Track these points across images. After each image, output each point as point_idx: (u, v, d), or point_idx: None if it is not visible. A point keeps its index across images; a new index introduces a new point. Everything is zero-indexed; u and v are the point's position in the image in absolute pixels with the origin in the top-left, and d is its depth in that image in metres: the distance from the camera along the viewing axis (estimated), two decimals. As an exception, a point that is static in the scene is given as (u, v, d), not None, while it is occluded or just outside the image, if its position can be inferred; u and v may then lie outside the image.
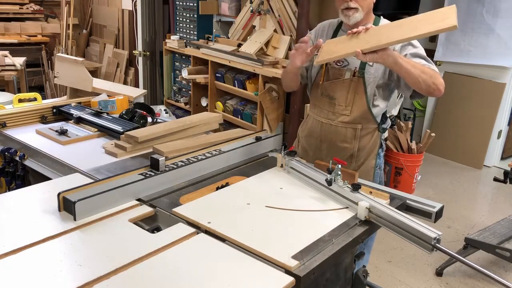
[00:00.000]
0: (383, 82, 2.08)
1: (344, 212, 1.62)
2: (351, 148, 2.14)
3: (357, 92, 2.07)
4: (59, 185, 1.68)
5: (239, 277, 1.24)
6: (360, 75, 2.05)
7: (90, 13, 7.08)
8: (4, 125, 2.35)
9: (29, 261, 1.27)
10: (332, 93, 2.12)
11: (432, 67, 1.94)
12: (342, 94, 2.10)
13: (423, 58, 1.97)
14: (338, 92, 2.11)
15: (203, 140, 2.22)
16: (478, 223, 3.81)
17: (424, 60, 1.96)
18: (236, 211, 1.59)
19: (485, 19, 4.79)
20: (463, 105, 5.04)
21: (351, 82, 2.07)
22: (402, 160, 4.21)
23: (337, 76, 2.11)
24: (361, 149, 2.15)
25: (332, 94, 2.12)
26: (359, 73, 2.05)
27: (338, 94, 2.11)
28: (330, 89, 2.13)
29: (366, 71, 2.04)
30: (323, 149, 2.19)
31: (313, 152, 2.24)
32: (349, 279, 1.73)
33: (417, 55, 1.97)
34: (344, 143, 2.14)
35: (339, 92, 2.10)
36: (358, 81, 2.06)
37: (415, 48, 1.99)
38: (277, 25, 3.98)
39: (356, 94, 2.07)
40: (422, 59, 1.96)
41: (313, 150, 2.24)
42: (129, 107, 2.64)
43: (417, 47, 2.00)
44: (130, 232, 1.45)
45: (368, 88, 2.06)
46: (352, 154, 2.14)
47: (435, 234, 1.41)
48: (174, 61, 5.17)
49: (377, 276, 3.02)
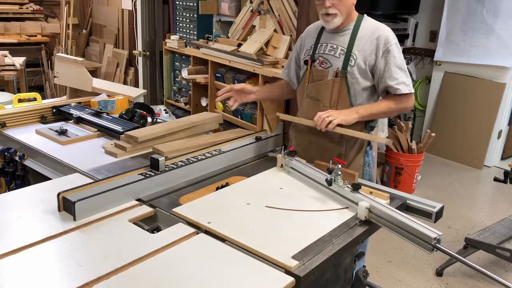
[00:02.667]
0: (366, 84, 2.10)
1: (344, 212, 1.62)
2: (339, 147, 2.15)
3: (341, 92, 2.09)
4: (59, 185, 1.68)
5: (239, 277, 1.24)
6: (343, 75, 2.07)
7: (90, 13, 7.08)
8: (4, 125, 2.35)
9: (29, 261, 1.27)
10: (317, 94, 2.15)
11: (403, 89, 2.03)
12: (326, 95, 2.12)
13: (401, 69, 2.04)
14: (322, 93, 2.13)
15: (203, 140, 2.22)
16: (478, 223, 3.81)
17: (400, 71, 2.03)
18: (236, 211, 1.59)
19: (485, 19, 4.79)
20: (463, 105, 5.04)
21: (334, 82, 2.09)
22: (402, 160, 4.21)
23: (320, 77, 2.13)
24: (348, 148, 2.16)
25: (317, 96, 2.15)
26: (341, 73, 2.07)
27: (322, 95, 2.13)
28: (315, 90, 2.15)
29: (348, 72, 2.06)
30: (312, 150, 2.20)
31: (303, 152, 2.24)
32: (349, 279, 1.73)
33: (396, 66, 2.04)
34: (331, 143, 2.15)
35: (323, 93, 2.13)
36: (340, 81, 2.08)
37: (395, 58, 2.04)
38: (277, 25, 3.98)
39: (340, 94, 2.09)
40: (400, 70, 2.04)
41: (303, 150, 2.24)
42: (129, 107, 2.64)
43: (396, 57, 2.05)
44: (130, 232, 1.45)
45: (351, 88, 2.08)
46: (340, 153, 2.16)
47: (435, 234, 1.41)
48: (174, 61, 5.16)
49: (377, 276, 3.02)
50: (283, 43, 3.93)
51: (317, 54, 2.15)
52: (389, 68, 2.03)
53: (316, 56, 2.15)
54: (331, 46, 2.11)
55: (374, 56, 2.05)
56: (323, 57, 2.13)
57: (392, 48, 2.04)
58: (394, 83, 2.02)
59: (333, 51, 2.10)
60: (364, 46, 2.05)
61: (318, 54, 2.15)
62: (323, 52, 2.13)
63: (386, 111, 2.08)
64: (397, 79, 2.02)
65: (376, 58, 2.04)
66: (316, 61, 2.15)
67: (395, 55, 2.04)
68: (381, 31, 2.06)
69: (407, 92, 2.04)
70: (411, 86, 2.06)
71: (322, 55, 2.13)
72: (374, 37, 2.04)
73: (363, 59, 2.05)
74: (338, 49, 2.09)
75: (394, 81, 2.02)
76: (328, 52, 2.12)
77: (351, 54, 2.06)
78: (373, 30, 2.06)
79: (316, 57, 2.15)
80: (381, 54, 2.04)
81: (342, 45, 2.09)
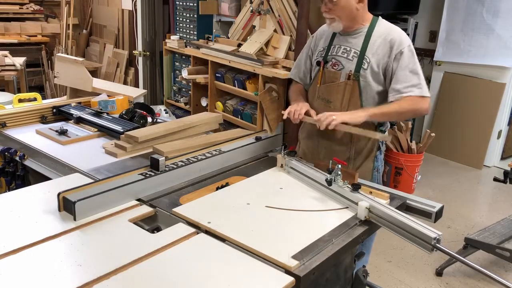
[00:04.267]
0: (379, 88, 2.09)
1: (344, 212, 1.62)
2: (348, 151, 2.15)
3: (352, 95, 2.08)
4: (59, 185, 1.68)
5: (239, 277, 1.24)
6: (355, 78, 2.06)
7: (90, 13, 7.08)
8: (4, 125, 2.35)
9: (29, 261, 1.27)
10: (328, 96, 2.14)
11: (414, 91, 1.99)
12: (337, 97, 2.11)
13: (413, 72, 2.01)
14: (333, 95, 2.12)
15: (203, 140, 2.22)
16: (478, 223, 3.81)
17: (412, 74, 2.00)
18: (236, 211, 1.59)
19: (485, 19, 4.79)
20: (463, 105, 5.04)
21: (346, 85, 2.08)
22: (402, 160, 4.21)
23: (332, 79, 2.13)
24: (358, 152, 2.15)
25: (328, 97, 2.14)
26: (354, 76, 2.06)
27: (333, 97, 2.12)
28: (326, 92, 2.14)
29: (361, 74, 2.05)
30: (321, 152, 2.20)
31: (311, 154, 2.25)
32: (349, 279, 1.73)
33: (407, 69, 2.01)
34: (341, 146, 2.15)
35: (334, 95, 2.12)
36: (353, 84, 2.07)
37: (407, 61, 2.01)
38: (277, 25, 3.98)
39: (352, 97, 2.08)
40: (411, 73, 2.00)
41: (311, 153, 2.24)
42: (129, 107, 2.64)
43: (409, 60, 2.01)
44: (130, 232, 1.45)
45: (364, 91, 2.07)
46: (349, 157, 2.15)
47: (435, 234, 1.41)
48: (174, 61, 5.16)
49: (377, 276, 3.02)
50: (283, 43, 3.93)
51: (330, 56, 2.14)
52: (401, 72, 2.00)
53: (329, 57, 2.14)
54: (344, 48, 2.11)
55: (387, 58, 2.03)
56: (336, 59, 2.12)
57: (405, 51, 2.01)
58: (402, 86, 2.00)
59: (346, 54, 2.09)
60: (377, 50, 2.04)
61: (331, 56, 2.14)
62: (336, 54, 2.12)
63: (398, 110, 2.01)
64: (406, 82, 2.00)
65: (389, 61, 2.03)
66: (328, 62, 2.14)
67: (408, 58, 2.01)
68: (394, 34, 2.04)
69: (418, 95, 2.00)
70: (424, 89, 2.02)
71: (335, 57, 2.13)
72: (388, 40, 2.03)
73: (377, 62, 2.04)
74: (352, 52, 2.08)
75: (402, 84, 2.00)
76: (341, 54, 2.11)
77: (364, 57, 2.05)
78: (387, 33, 2.05)
79: (329, 58, 2.14)
80: (393, 57, 2.02)
81: (356, 48, 2.08)
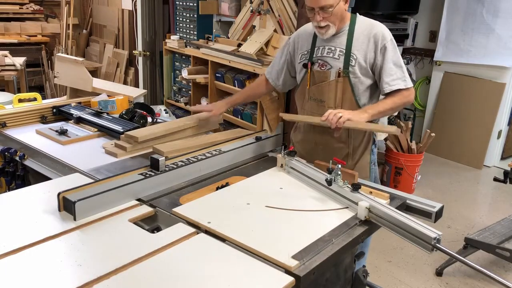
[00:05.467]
0: (368, 82, 2.11)
1: (344, 212, 1.62)
2: (346, 147, 2.16)
3: (345, 92, 2.09)
4: (59, 185, 1.68)
5: (239, 277, 1.24)
6: (345, 74, 2.07)
7: (90, 13, 7.08)
8: (4, 125, 2.35)
9: (29, 261, 1.27)
10: (320, 96, 2.15)
11: (400, 84, 2.05)
12: (330, 96, 2.12)
13: (396, 65, 2.06)
14: (326, 94, 2.13)
15: (203, 140, 2.22)
16: (478, 223, 3.81)
17: (396, 67, 2.05)
18: (236, 211, 1.59)
19: (485, 19, 4.79)
20: (463, 105, 5.04)
21: (337, 82, 2.09)
22: (402, 160, 4.21)
23: (322, 79, 2.13)
24: (355, 147, 2.17)
25: (320, 97, 2.15)
26: (343, 73, 2.07)
27: (326, 96, 2.13)
28: (318, 92, 2.15)
29: (350, 71, 2.07)
30: (319, 152, 2.20)
31: (309, 156, 2.24)
32: (349, 279, 1.73)
33: (392, 62, 2.05)
34: (339, 144, 2.15)
35: (327, 94, 2.13)
36: (344, 81, 2.08)
37: (391, 55, 2.06)
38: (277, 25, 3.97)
39: (344, 94, 2.10)
40: (395, 66, 2.05)
41: (309, 154, 2.24)
42: (129, 107, 2.64)
43: (392, 53, 2.06)
44: (130, 232, 1.45)
45: (355, 87, 2.09)
46: (348, 153, 2.16)
47: (435, 234, 1.41)
48: (174, 61, 5.16)
49: (377, 276, 3.02)
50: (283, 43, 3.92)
51: (315, 57, 2.15)
52: (386, 65, 2.05)
53: (314, 59, 2.15)
54: (329, 48, 2.12)
55: (373, 53, 2.06)
56: (323, 59, 2.13)
57: (388, 45, 2.06)
58: (389, 79, 2.05)
59: (331, 53, 2.11)
60: (362, 46, 2.07)
61: (317, 57, 2.15)
62: (321, 55, 2.13)
63: (393, 106, 2.09)
64: (392, 75, 2.05)
65: (375, 56, 2.06)
66: (315, 64, 2.15)
67: (391, 51, 2.06)
68: (377, 29, 2.08)
69: (404, 87, 2.05)
70: (408, 81, 2.08)
71: (321, 58, 2.13)
72: (371, 35, 2.06)
73: (363, 57, 2.07)
74: (337, 51, 2.10)
75: (390, 78, 2.05)
76: (327, 55, 2.12)
77: (350, 54, 2.07)
78: (369, 29, 2.08)
79: (315, 60, 2.15)
80: (379, 51, 2.06)
81: (340, 46, 2.09)
